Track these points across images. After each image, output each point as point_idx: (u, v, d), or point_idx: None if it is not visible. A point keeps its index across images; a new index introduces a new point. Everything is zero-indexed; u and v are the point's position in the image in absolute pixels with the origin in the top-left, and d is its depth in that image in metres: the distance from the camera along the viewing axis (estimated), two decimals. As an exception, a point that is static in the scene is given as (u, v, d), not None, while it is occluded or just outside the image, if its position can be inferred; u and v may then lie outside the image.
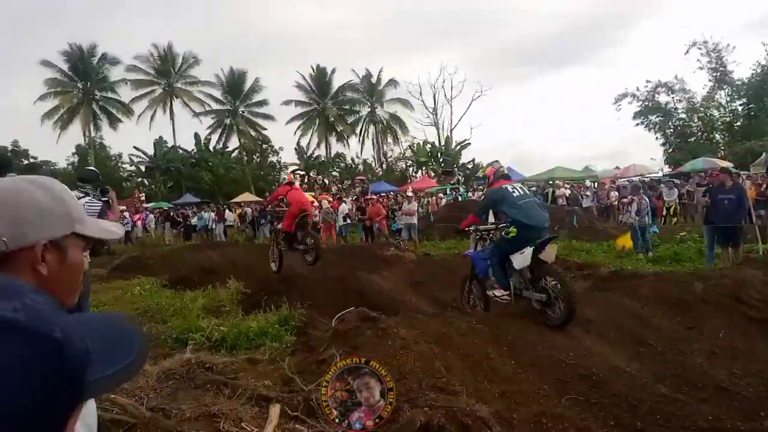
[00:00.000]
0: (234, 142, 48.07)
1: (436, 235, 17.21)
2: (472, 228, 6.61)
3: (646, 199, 11.78)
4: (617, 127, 70.45)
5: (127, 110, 45.48)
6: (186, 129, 69.26)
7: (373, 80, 50.77)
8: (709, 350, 5.37)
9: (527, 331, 5.36)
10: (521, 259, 5.82)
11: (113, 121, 45.50)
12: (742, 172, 23.22)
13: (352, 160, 49.94)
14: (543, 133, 78.32)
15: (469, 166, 46.96)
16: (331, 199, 26.76)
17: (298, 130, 50.00)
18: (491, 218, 7.03)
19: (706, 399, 4.35)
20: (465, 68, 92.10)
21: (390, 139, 51.90)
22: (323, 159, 48.89)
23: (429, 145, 48.10)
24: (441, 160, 45.97)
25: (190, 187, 41.04)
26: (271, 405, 3.79)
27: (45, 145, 79.03)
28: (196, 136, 46.35)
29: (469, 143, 47.89)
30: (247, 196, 35.52)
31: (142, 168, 44.49)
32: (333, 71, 50.38)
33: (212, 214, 24.18)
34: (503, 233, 6.07)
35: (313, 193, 32.26)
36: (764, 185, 14.73)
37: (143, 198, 31.00)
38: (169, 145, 45.01)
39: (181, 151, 44.90)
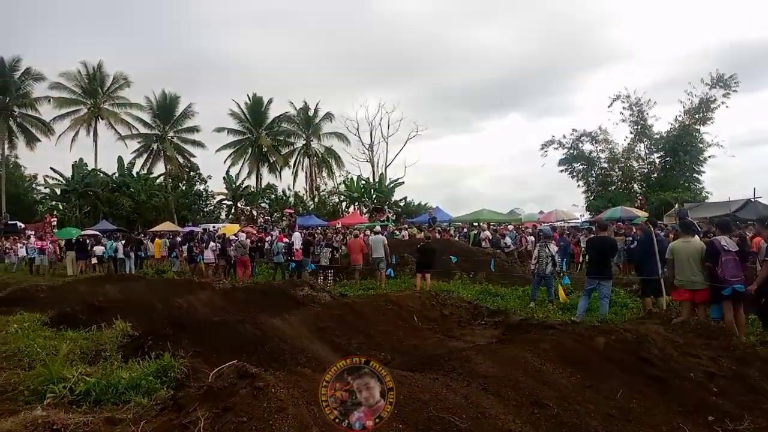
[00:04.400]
0: (160, 168, 46.55)
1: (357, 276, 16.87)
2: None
3: (549, 248, 11.85)
4: (545, 173, 72.97)
5: (47, 129, 43.20)
6: (109, 152, 66.65)
7: (311, 113, 50.78)
8: (605, 412, 5.19)
9: (421, 389, 5.02)
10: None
11: (31, 140, 43.08)
12: (658, 222, 24.33)
13: (284, 192, 49.27)
14: (476, 175, 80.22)
15: (401, 204, 47.22)
16: (253, 232, 26.09)
17: (228, 158, 49.03)
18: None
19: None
20: (403, 107, 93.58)
21: (324, 173, 51.69)
22: (253, 189, 47.93)
23: (363, 181, 48.12)
24: (374, 196, 46.01)
25: (108, 213, 39.08)
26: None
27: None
28: (120, 160, 44.59)
29: (403, 182, 48.36)
30: (168, 225, 34.14)
31: (58, 191, 42.13)
32: (270, 101, 50.14)
33: (120, 244, 22.65)
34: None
35: (239, 225, 31.37)
36: (672, 236, 15.25)
37: (54, 223, 29.11)
38: (90, 168, 42.92)
39: (101, 174, 42.89)
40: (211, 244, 20.31)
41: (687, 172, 37.62)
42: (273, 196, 48.74)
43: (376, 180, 48.88)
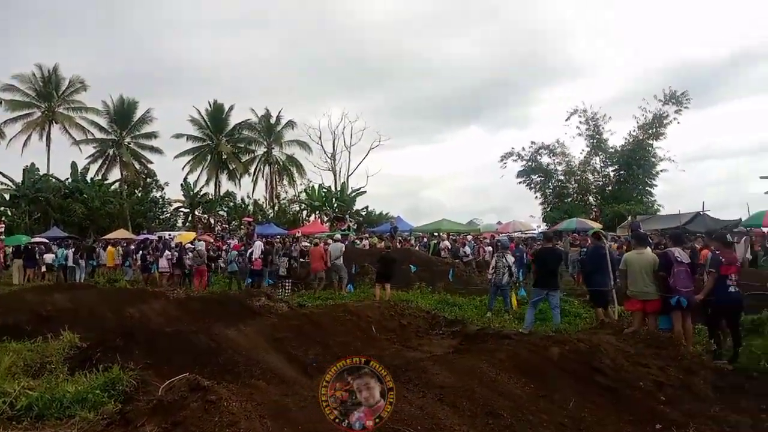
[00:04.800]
0: (115, 174, 45.37)
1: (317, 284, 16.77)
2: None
3: (506, 258, 12.03)
4: (505, 184, 74.14)
5: (-3, 132, 41.62)
6: (63, 157, 64.90)
7: (272, 120, 50.36)
8: (558, 421, 5.26)
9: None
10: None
11: (-21, 144, 41.38)
12: (610, 234, 24.96)
13: (243, 199, 48.64)
14: (437, 185, 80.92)
15: (363, 213, 47.19)
16: (211, 240, 25.65)
17: (187, 165, 48.17)
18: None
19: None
20: (366, 117, 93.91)
21: (285, 181, 51.30)
22: (211, 197, 47.19)
23: (325, 190, 47.94)
24: (335, 205, 45.87)
25: (60, 219, 37.82)
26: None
27: None
28: (74, 165, 43.28)
29: (365, 191, 48.35)
30: (122, 233, 33.25)
31: (7, 196, 40.54)
32: (231, 108, 49.55)
33: (71, 251, 21.88)
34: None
35: (196, 233, 30.77)
36: (625, 248, 15.65)
37: (2, 229, 27.95)
38: (42, 173, 41.51)
39: (53, 180, 41.51)
40: (166, 252, 19.86)
41: (640, 185, 38.80)
42: (232, 203, 48.02)
43: (338, 189, 48.77)
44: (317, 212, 46.54)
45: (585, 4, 72.84)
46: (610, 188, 39.69)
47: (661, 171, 38.62)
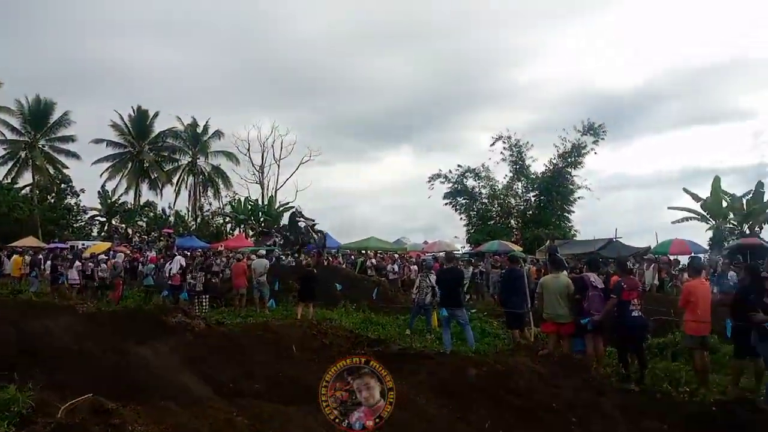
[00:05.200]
0: (27, 179, 42.69)
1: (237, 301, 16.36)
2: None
3: (430, 278, 12.22)
4: (432, 204, 75.38)
5: None
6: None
7: (199, 129, 49.07)
8: (473, 443, 5.34)
9: (294, 425, 4.89)
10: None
11: None
12: (529, 257, 25.84)
13: (164, 210, 46.93)
14: (366, 203, 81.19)
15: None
16: (127, 252, 24.54)
17: (105, 172, 46.07)
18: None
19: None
20: (297, 131, 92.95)
21: (210, 193, 49.99)
22: (130, 206, 45.26)
23: (251, 203, 47.01)
24: (262, 219, 45.05)
25: (-41, 225, 35.18)
26: None
27: None
28: (-21, 168, 40.40)
29: (293, 206, 47.70)
30: (31, 241, 31.25)
31: None
32: (156, 115, 47.95)
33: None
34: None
35: (111, 243, 29.35)
36: (543, 271, 16.21)
37: None
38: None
39: (-45, 183, 38.63)
40: (77, 263, 18.79)
41: (558, 210, 40.51)
42: (152, 214, 46.25)
43: (265, 203, 48.00)
44: (242, 226, 45.56)
45: (512, 31, 75.95)
46: (530, 212, 41.16)
47: (578, 198, 40.57)
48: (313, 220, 26.67)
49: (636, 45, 77.18)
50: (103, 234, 42.33)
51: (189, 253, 21.57)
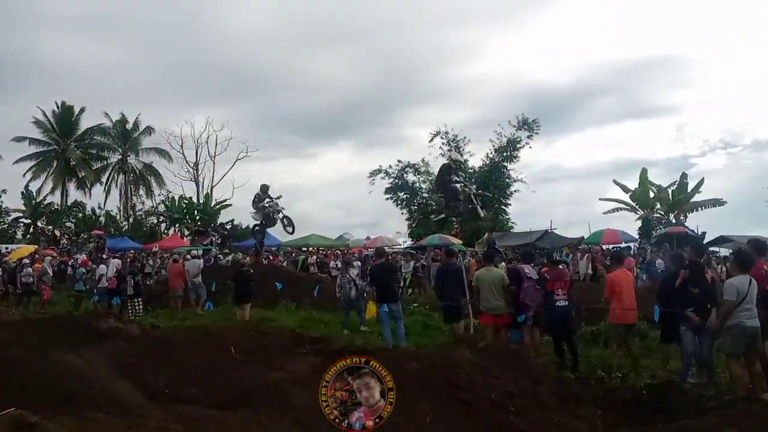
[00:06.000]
0: (-62, 179, 40.02)
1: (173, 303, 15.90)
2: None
3: (350, 273, 12.25)
4: (374, 200, 75.63)
5: None
6: None
7: (129, 126, 47.27)
8: (415, 437, 5.36)
9: (231, 428, 4.76)
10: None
11: None
12: (469, 249, 26.33)
13: (93, 210, 44.96)
14: (307, 200, 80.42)
15: (228, 227, 45.56)
16: (55, 255, 23.41)
17: (29, 171, 43.72)
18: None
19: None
20: (233, 127, 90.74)
21: (142, 191, 48.29)
22: (57, 207, 43.14)
23: (186, 201, 45.71)
24: (197, 218, 43.91)
25: None
26: None
27: None
28: None
29: (230, 203, 46.75)
30: (-53, 246, 29.32)
31: None
32: (82, 111, 45.82)
33: None
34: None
35: (36, 247, 27.90)
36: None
37: None
38: None
39: None
40: (-3, 267, 17.79)
41: (496, 204, 41.41)
42: (80, 215, 44.21)
43: (201, 201, 46.81)
44: (177, 225, 44.28)
45: (450, 31, 76.77)
46: (470, 206, 41.85)
47: (515, 191, 41.59)
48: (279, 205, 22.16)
49: (570, 44, 79.49)
50: (28, 237, 40.19)
51: (119, 255, 20.81)
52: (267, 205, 21.24)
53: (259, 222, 22.15)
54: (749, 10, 73.62)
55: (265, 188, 21.59)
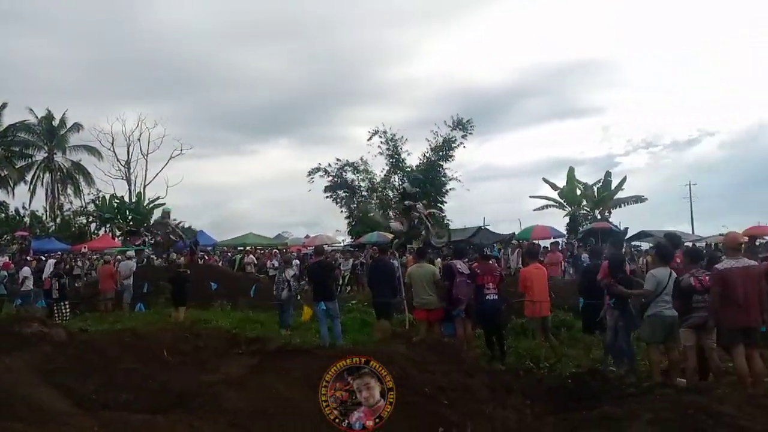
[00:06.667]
0: None
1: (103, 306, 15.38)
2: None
3: (286, 273, 12.23)
4: (313, 198, 75.17)
5: None
6: None
7: (55, 122, 45.08)
8: None
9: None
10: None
11: None
12: (408, 246, 26.60)
13: (17, 211, 42.69)
14: (243, 198, 79.14)
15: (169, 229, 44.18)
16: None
17: (-56, 170, 41.03)
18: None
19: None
20: (167, 124, 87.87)
21: (70, 190, 46.20)
22: (-24, 208, 40.75)
23: (117, 200, 44.06)
24: (130, 217, 42.41)
25: None
26: None
27: None
28: None
29: (164, 202, 45.28)
30: None
31: None
32: (3, 106, 43.27)
33: None
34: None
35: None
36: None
37: None
38: None
39: None
40: None
41: (432, 201, 41.99)
42: (3, 215, 41.90)
43: (133, 200, 45.21)
44: (108, 225, 42.64)
45: (388, 31, 77.09)
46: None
47: (450, 189, 42.31)
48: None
49: (502, 46, 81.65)
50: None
51: (45, 257, 19.91)
52: (168, 231, 23.32)
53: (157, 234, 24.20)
54: (671, 13, 77.83)
55: (166, 213, 24.33)
